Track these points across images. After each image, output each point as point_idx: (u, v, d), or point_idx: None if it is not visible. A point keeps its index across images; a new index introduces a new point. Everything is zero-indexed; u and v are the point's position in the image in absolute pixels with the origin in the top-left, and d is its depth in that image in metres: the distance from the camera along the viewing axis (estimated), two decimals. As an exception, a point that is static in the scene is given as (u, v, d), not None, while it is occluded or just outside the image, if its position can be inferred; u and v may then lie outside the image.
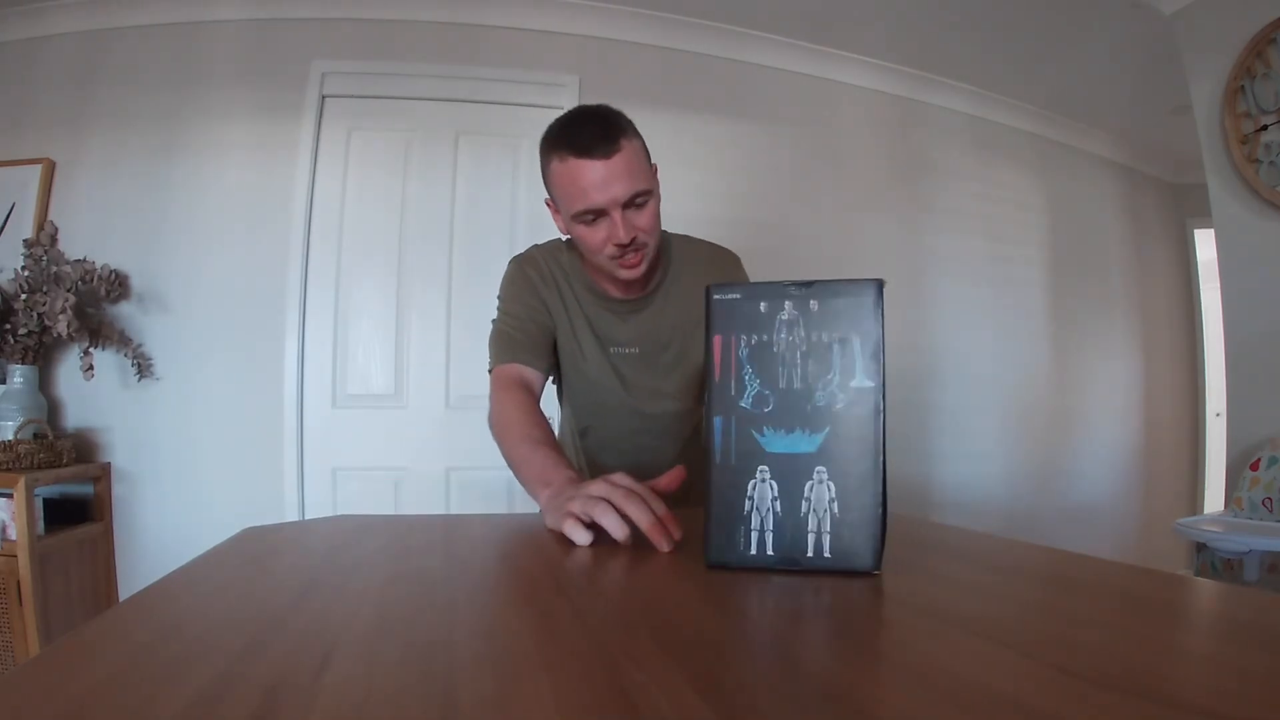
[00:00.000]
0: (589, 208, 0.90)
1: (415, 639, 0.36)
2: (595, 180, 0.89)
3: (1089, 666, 0.32)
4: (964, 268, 3.00)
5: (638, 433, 1.12)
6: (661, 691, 0.29)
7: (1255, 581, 1.73)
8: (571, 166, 0.89)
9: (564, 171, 0.90)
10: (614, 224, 0.91)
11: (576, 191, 0.90)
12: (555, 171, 0.92)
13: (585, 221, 0.93)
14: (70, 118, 2.28)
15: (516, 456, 0.87)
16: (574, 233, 0.96)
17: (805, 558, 0.52)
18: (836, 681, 0.31)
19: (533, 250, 1.12)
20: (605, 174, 0.89)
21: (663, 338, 1.09)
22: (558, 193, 0.94)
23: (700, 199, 2.57)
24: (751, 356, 0.55)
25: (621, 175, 0.89)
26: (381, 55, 2.37)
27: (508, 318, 1.06)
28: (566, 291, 1.09)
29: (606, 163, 0.88)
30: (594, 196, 0.89)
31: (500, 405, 0.97)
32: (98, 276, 2.10)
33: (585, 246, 0.96)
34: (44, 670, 0.32)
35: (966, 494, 2.89)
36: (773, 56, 2.70)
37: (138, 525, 2.21)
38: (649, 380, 1.10)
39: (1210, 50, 2.13)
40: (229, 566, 0.54)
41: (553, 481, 0.76)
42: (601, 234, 0.93)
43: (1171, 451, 3.62)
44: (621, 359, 1.09)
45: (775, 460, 0.53)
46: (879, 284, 0.52)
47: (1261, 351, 2.03)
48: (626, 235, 0.91)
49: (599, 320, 1.08)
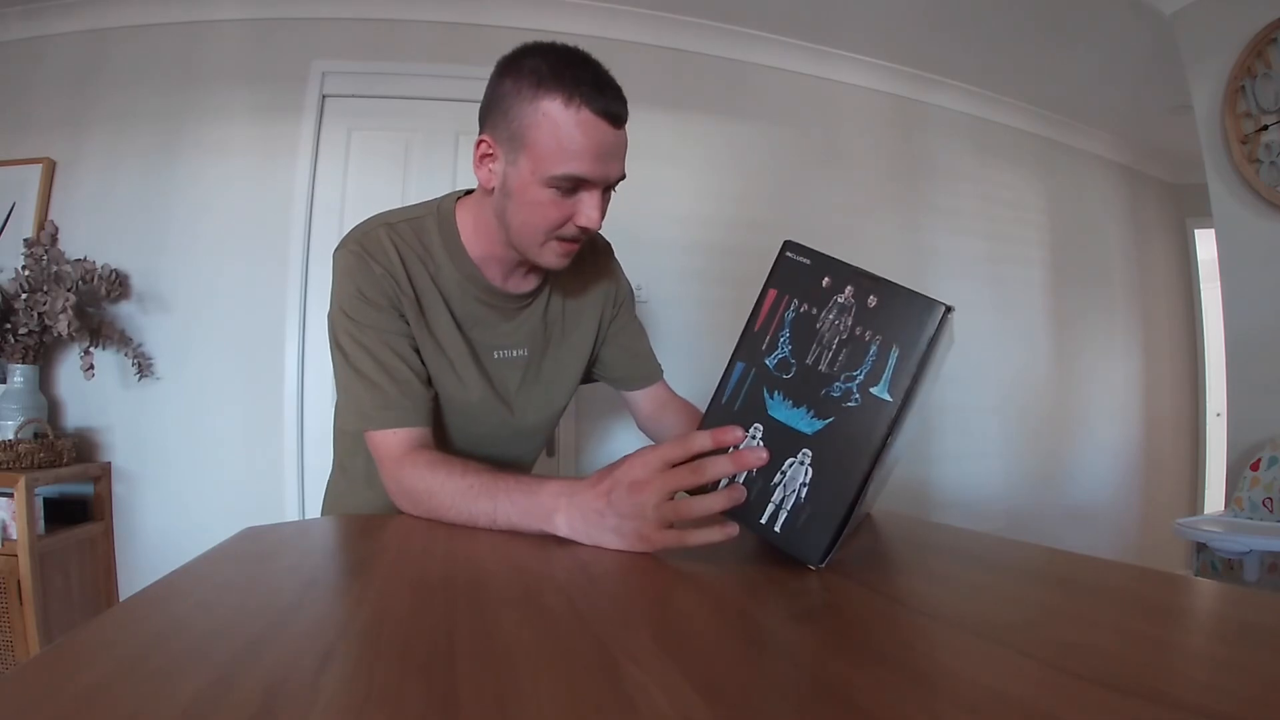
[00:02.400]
0: (581, 175, 0.72)
1: (415, 639, 0.36)
2: (605, 147, 0.72)
3: (1089, 666, 0.32)
4: (964, 268, 3.00)
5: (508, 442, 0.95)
6: (661, 691, 0.29)
7: (1255, 581, 1.72)
8: (584, 119, 0.71)
9: (566, 121, 0.71)
10: (593, 204, 0.75)
11: (576, 150, 0.71)
12: (549, 115, 0.71)
13: (561, 189, 0.74)
14: (70, 118, 2.28)
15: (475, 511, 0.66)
16: (528, 196, 0.75)
17: (757, 521, 0.53)
18: (837, 681, 0.31)
19: (377, 230, 0.82)
20: (612, 144, 0.73)
21: (552, 333, 0.95)
22: (543, 139, 0.72)
23: (700, 199, 2.57)
24: (795, 322, 0.55)
25: (622, 152, 0.75)
26: (381, 55, 2.37)
27: (367, 356, 0.79)
28: (427, 285, 0.83)
29: (617, 131, 0.73)
30: (594, 166, 0.72)
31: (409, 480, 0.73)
32: (98, 276, 2.10)
33: (536, 218, 0.76)
34: (44, 670, 0.32)
35: (966, 494, 2.89)
36: (773, 56, 2.70)
37: (138, 525, 2.21)
38: (535, 389, 0.94)
39: (1210, 50, 2.13)
40: (229, 566, 0.54)
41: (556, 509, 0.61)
42: (567, 210, 0.75)
43: (1171, 451, 3.62)
44: (505, 365, 0.91)
45: (772, 425, 0.54)
46: (945, 309, 0.49)
47: (1261, 351, 2.03)
48: (599, 222, 0.76)
49: (476, 321, 0.88)
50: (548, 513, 0.61)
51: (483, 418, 0.90)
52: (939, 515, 2.91)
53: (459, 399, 0.88)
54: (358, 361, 0.80)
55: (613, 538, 0.58)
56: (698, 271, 2.51)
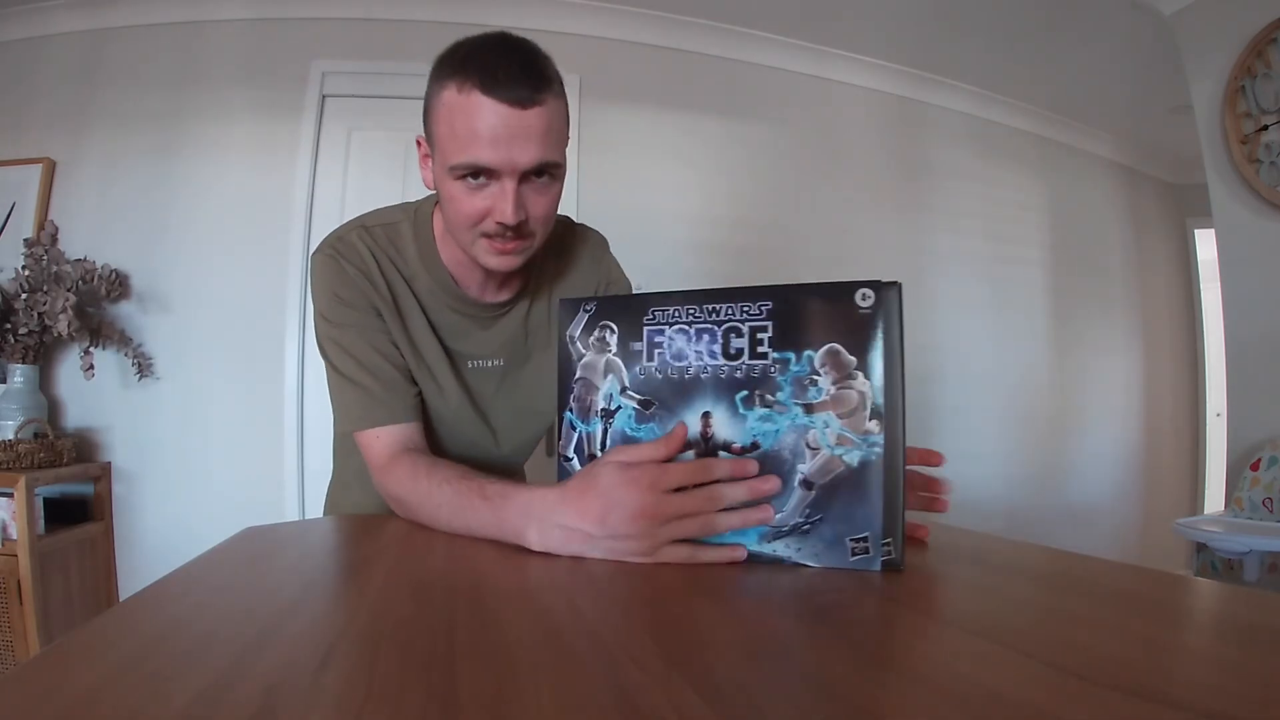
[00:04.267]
0: (478, 164, 0.67)
1: (415, 639, 0.36)
2: (498, 131, 0.66)
3: (1089, 666, 0.32)
4: (964, 267, 3.00)
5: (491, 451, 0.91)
6: (661, 691, 0.29)
7: (1255, 581, 1.72)
8: (472, 103, 0.65)
9: (459, 106, 0.66)
10: (503, 195, 0.69)
11: (467, 137, 0.66)
12: (446, 103, 0.68)
13: (466, 182, 0.69)
14: (70, 118, 2.28)
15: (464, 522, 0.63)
16: (445, 191, 0.72)
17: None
18: (837, 681, 0.31)
19: (352, 234, 0.81)
20: (516, 127, 0.66)
21: (534, 341, 0.89)
22: (441, 130, 0.69)
23: (700, 199, 2.57)
24: None
25: (534, 136, 0.67)
26: (381, 55, 2.37)
27: (348, 357, 0.78)
28: (402, 290, 0.81)
29: (519, 113, 0.66)
30: (489, 152, 0.66)
31: (397, 489, 0.72)
32: (98, 276, 2.10)
33: (454, 214, 0.72)
34: (44, 670, 0.32)
35: (966, 494, 2.89)
36: (773, 56, 2.70)
37: (138, 525, 2.21)
38: (514, 397, 0.89)
39: (1210, 50, 2.13)
40: (229, 566, 0.54)
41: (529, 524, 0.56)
42: (481, 203, 0.70)
43: (1171, 451, 3.62)
44: (481, 375, 0.87)
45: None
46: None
47: (1261, 351, 2.03)
48: (515, 216, 0.69)
49: (453, 330, 0.84)
50: (517, 531, 0.57)
51: (462, 427, 0.88)
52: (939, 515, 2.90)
53: (438, 407, 0.85)
54: (340, 363, 0.79)
55: (602, 554, 0.54)
56: (697, 270, 2.51)
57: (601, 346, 0.59)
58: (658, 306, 0.57)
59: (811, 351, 0.53)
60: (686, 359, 0.56)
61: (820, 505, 0.52)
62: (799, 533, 0.53)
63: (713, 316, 0.55)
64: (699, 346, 0.56)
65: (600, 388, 0.59)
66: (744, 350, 0.54)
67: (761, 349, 0.54)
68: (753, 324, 0.54)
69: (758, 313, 0.54)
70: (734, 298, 0.55)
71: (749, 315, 0.54)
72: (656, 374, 0.57)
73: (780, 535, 0.53)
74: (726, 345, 0.55)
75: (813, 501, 0.52)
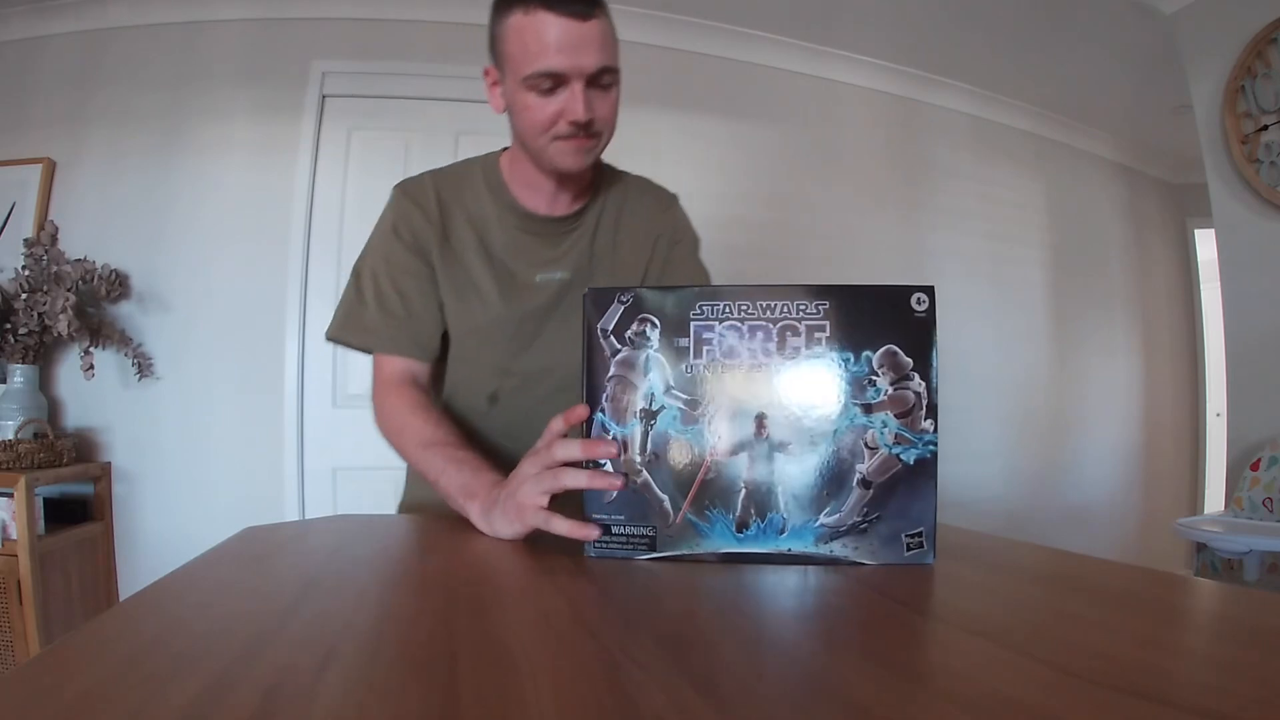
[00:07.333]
0: (549, 70, 0.75)
1: (415, 639, 0.36)
2: (565, 40, 0.74)
3: (1089, 666, 0.32)
4: (964, 267, 3.00)
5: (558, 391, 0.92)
6: (661, 691, 0.29)
7: (1255, 581, 1.72)
8: (538, 20, 0.74)
9: (527, 25, 0.75)
10: (574, 97, 0.77)
11: (538, 49, 0.75)
12: (513, 26, 0.76)
13: (540, 89, 0.77)
14: (70, 118, 2.28)
15: (427, 466, 0.76)
16: (519, 103, 0.80)
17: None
18: (836, 681, 0.31)
19: (425, 175, 0.95)
20: (578, 36, 0.74)
21: (598, 262, 0.95)
22: (511, 49, 0.77)
23: (700, 199, 2.55)
24: None
25: (594, 43, 0.76)
26: (381, 55, 2.37)
27: (386, 280, 0.89)
28: (460, 222, 0.91)
29: (581, 24, 0.74)
30: (558, 59, 0.74)
31: (390, 409, 0.85)
32: (98, 276, 2.10)
33: (528, 123, 0.80)
34: (44, 670, 0.32)
35: (966, 494, 2.89)
36: (773, 56, 2.70)
37: (138, 525, 2.21)
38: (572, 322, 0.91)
39: (1210, 50, 2.13)
40: (229, 566, 0.54)
41: (477, 492, 0.67)
42: (554, 107, 0.78)
43: (1171, 451, 3.62)
44: (542, 290, 0.92)
45: None
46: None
47: (1261, 351, 2.03)
48: (585, 114, 0.77)
49: (518, 250, 0.92)
50: (470, 494, 0.67)
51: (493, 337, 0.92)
52: (939, 515, 2.90)
53: (476, 314, 0.91)
54: (380, 283, 0.89)
55: (500, 519, 0.62)
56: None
57: (641, 342, 0.55)
58: (706, 301, 0.54)
59: (870, 352, 0.53)
60: (739, 356, 0.54)
61: (878, 504, 0.52)
62: (856, 532, 0.53)
63: (767, 314, 0.54)
64: (753, 344, 0.54)
65: (639, 386, 0.55)
66: (800, 349, 0.53)
67: (819, 348, 0.53)
68: (809, 322, 0.53)
69: (815, 311, 0.53)
70: (790, 295, 0.54)
71: (805, 314, 0.53)
72: (705, 372, 0.54)
73: (838, 535, 0.53)
74: (783, 343, 0.53)
75: (870, 500, 0.52)
